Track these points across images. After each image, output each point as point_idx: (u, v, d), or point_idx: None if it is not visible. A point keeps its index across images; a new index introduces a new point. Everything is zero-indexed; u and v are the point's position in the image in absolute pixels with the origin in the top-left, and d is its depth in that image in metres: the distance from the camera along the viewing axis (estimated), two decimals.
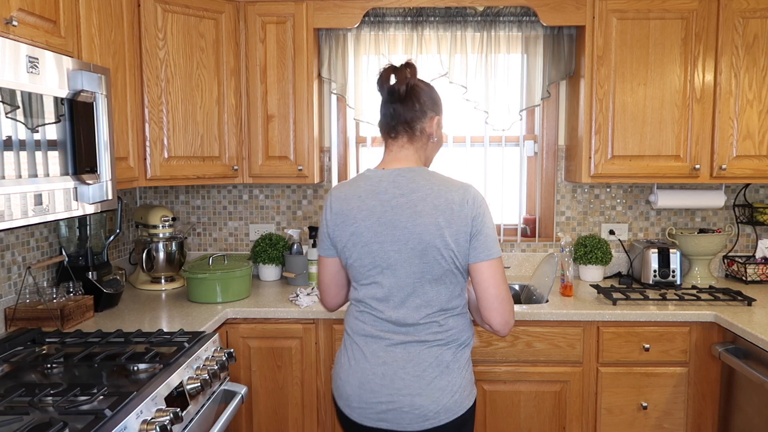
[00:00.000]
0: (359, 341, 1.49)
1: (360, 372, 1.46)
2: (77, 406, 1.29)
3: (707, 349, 2.24)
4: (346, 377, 1.48)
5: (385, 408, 1.42)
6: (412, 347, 1.43)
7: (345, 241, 1.47)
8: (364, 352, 1.47)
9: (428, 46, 2.75)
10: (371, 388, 1.43)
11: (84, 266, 2.24)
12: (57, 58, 1.52)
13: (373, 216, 1.43)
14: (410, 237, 1.39)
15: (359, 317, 1.51)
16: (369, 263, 1.45)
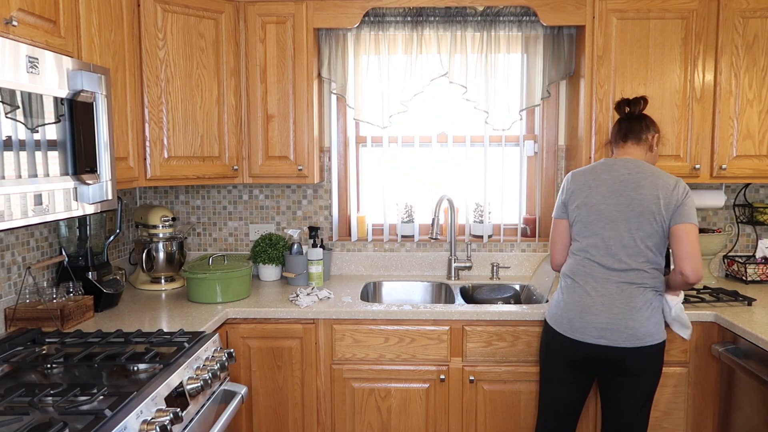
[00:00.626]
0: (579, 280, 1.96)
1: (582, 302, 1.93)
2: (77, 406, 1.29)
3: (707, 349, 2.24)
4: (569, 306, 1.96)
5: (604, 327, 1.88)
6: (624, 286, 1.90)
7: (578, 203, 1.99)
8: (585, 288, 1.94)
9: (428, 46, 2.75)
10: (593, 311, 1.91)
11: (84, 266, 2.24)
12: (57, 58, 1.52)
13: (604, 185, 1.96)
14: (632, 202, 1.91)
15: (581, 263, 1.98)
16: (594, 219, 1.95)
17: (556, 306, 2.01)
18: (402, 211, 2.92)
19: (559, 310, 1.98)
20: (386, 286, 2.83)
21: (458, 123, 2.85)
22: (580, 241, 1.99)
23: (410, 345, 2.28)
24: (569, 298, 1.96)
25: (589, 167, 2.05)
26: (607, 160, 2.03)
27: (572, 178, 2.05)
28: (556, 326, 1.98)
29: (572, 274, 1.99)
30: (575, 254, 2.01)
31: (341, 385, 2.31)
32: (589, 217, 1.96)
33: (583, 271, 1.96)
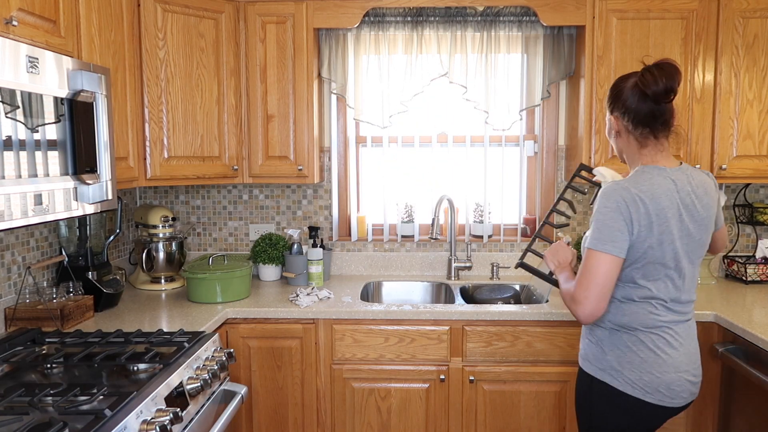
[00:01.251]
0: (658, 331, 1.54)
1: (672, 358, 1.54)
2: (77, 406, 1.29)
3: (707, 349, 2.23)
4: (662, 369, 1.53)
5: (694, 381, 1.57)
6: (690, 323, 1.60)
7: (654, 240, 1.49)
8: (665, 338, 1.54)
9: (428, 46, 2.75)
10: (686, 369, 1.55)
11: (84, 266, 2.24)
12: (57, 58, 1.52)
13: (674, 208, 1.51)
14: (697, 225, 1.54)
15: (653, 311, 1.55)
16: (670, 258, 1.52)
17: (640, 370, 1.53)
18: (402, 211, 2.92)
19: (650, 375, 1.53)
20: (386, 286, 2.83)
21: (458, 123, 2.85)
22: (645, 286, 1.54)
23: (410, 345, 2.28)
24: (654, 357, 1.54)
25: (655, 183, 1.51)
26: (662, 170, 1.54)
27: (644, 201, 1.47)
28: (647, 396, 1.53)
29: (643, 326, 1.54)
30: (637, 301, 1.55)
31: (341, 385, 2.31)
32: (665, 258, 1.51)
33: (656, 321, 1.54)
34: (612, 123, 1.62)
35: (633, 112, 1.55)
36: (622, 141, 1.61)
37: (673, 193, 1.51)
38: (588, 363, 1.62)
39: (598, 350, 1.60)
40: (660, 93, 1.50)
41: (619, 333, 1.57)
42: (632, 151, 1.60)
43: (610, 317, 1.58)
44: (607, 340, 1.58)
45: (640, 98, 1.54)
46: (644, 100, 1.53)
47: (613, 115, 1.60)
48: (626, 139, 1.60)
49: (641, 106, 1.54)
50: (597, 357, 1.60)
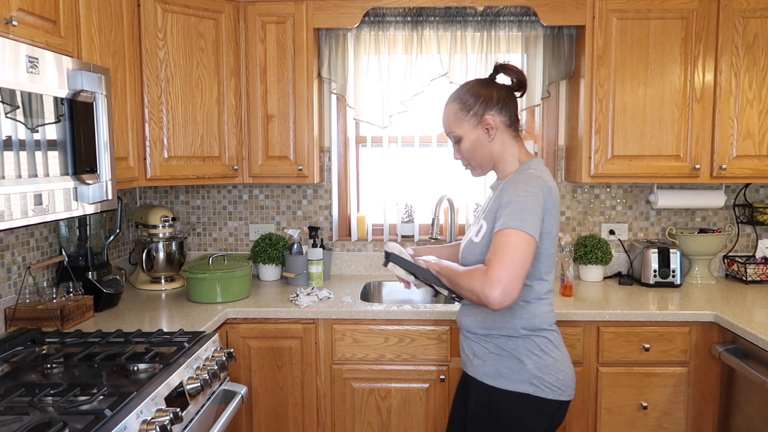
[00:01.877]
0: (555, 327, 1.59)
1: (566, 352, 1.61)
2: (77, 406, 1.29)
3: (707, 349, 2.24)
4: (567, 365, 1.58)
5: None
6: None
7: (551, 230, 1.51)
8: (559, 333, 1.61)
9: (428, 46, 2.75)
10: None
11: (84, 266, 2.24)
12: (57, 58, 1.52)
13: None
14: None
15: (549, 307, 1.58)
16: (553, 252, 1.56)
17: (557, 367, 1.54)
18: (402, 211, 2.92)
19: (563, 372, 1.55)
20: (386, 286, 2.82)
21: None
22: (547, 280, 1.56)
23: (410, 345, 2.28)
24: (563, 355, 1.58)
25: (548, 174, 1.57)
26: (541, 162, 1.60)
27: (552, 191, 1.51)
28: (566, 393, 1.57)
29: (548, 323, 1.57)
30: (545, 297, 1.57)
31: (341, 385, 2.31)
32: (553, 249, 1.55)
33: (554, 317, 1.60)
34: (489, 124, 1.56)
35: (508, 108, 1.57)
36: (498, 141, 1.59)
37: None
38: (504, 379, 1.52)
39: (515, 362, 1.52)
40: (523, 84, 1.59)
41: (532, 337, 1.53)
42: (510, 150, 1.60)
43: (522, 323, 1.53)
44: (522, 348, 1.52)
45: (508, 93, 1.59)
46: (511, 95, 1.59)
47: (488, 115, 1.56)
48: (502, 138, 1.59)
49: (512, 100, 1.59)
50: (516, 370, 1.51)
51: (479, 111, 1.56)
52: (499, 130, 1.57)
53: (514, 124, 1.59)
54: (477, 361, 1.58)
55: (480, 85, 1.59)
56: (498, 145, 1.59)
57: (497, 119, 1.56)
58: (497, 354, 1.54)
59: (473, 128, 1.58)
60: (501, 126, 1.57)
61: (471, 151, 1.62)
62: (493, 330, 1.55)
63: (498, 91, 1.58)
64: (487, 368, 1.55)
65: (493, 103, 1.56)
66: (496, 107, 1.56)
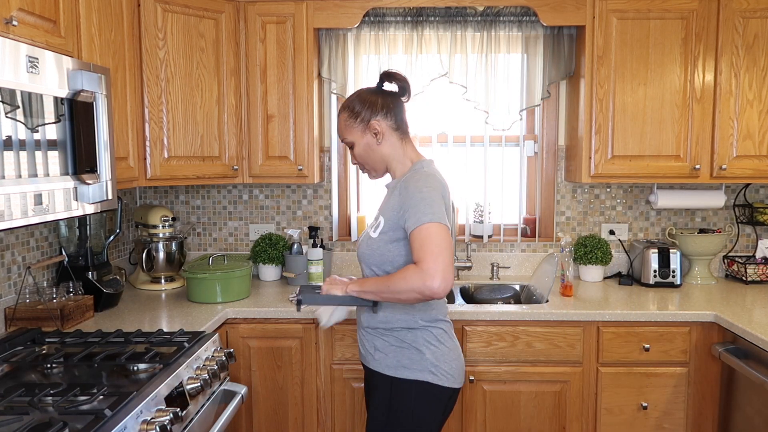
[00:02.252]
0: (448, 318, 1.72)
1: (458, 344, 1.72)
2: (77, 406, 1.29)
3: (707, 349, 2.24)
4: (458, 354, 1.68)
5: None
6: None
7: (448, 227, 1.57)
8: (451, 324, 1.72)
9: (428, 46, 2.75)
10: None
11: (84, 266, 2.24)
12: (57, 57, 1.52)
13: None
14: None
15: (444, 299, 1.68)
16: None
17: (454, 357, 1.65)
18: None
19: (459, 360, 1.67)
20: None
21: (458, 123, 2.85)
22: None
23: None
24: (455, 344, 1.69)
25: (436, 171, 1.68)
26: (432, 162, 1.72)
27: (445, 188, 1.63)
28: (458, 380, 1.66)
29: (443, 314, 1.69)
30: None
31: (341, 385, 2.31)
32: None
33: (447, 308, 1.73)
34: (376, 129, 1.65)
35: (393, 112, 1.66)
36: (387, 145, 1.67)
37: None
38: (405, 369, 1.60)
39: (415, 353, 1.60)
40: (406, 90, 1.69)
41: (429, 329, 1.63)
42: (400, 151, 1.70)
43: (421, 315, 1.62)
44: (421, 339, 1.61)
45: (394, 99, 1.68)
46: (397, 101, 1.69)
47: (374, 120, 1.65)
48: (390, 141, 1.68)
49: (397, 105, 1.68)
50: (415, 360, 1.60)
51: (366, 117, 1.65)
52: (386, 134, 1.66)
53: (402, 127, 1.69)
54: (378, 355, 1.65)
55: (366, 93, 1.69)
56: (387, 148, 1.68)
57: (383, 124, 1.65)
58: (398, 346, 1.62)
59: (362, 134, 1.67)
60: (388, 130, 1.66)
61: (363, 155, 1.70)
62: (395, 324, 1.63)
63: (383, 97, 1.67)
64: (389, 360, 1.63)
65: (378, 109, 1.65)
66: (382, 113, 1.65)
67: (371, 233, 1.66)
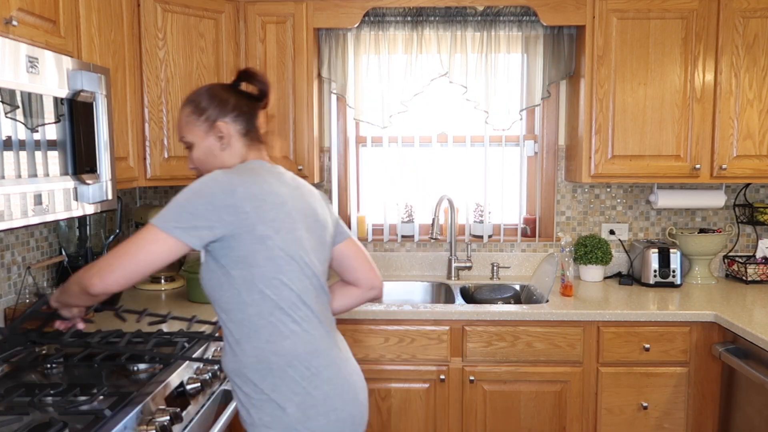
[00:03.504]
0: (323, 354, 1.40)
1: (344, 375, 1.43)
2: (77, 406, 1.29)
3: (707, 349, 2.23)
4: (342, 401, 1.38)
5: (365, 404, 1.46)
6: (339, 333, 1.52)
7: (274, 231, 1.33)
8: (334, 363, 1.43)
9: (428, 45, 2.75)
10: (359, 384, 1.47)
11: (84, 266, 2.24)
12: (57, 58, 1.52)
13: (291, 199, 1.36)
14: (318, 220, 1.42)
15: (303, 327, 1.38)
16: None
17: (327, 411, 1.29)
18: (402, 211, 2.92)
19: (336, 414, 1.30)
20: (386, 286, 2.82)
21: (458, 123, 2.85)
22: (288, 290, 1.30)
23: (410, 345, 2.28)
24: (335, 387, 1.32)
25: (247, 169, 1.35)
26: (265, 164, 1.44)
27: (236, 189, 1.26)
28: None
29: (312, 352, 1.32)
30: (290, 315, 1.31)
31: None
32: (281, 252, 1.31)
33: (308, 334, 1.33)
34: (221, 132, 1.39)
35: (245, 116, 1.42)
36: (231, 152, 1.41)
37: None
38: (265, 429, 1.28)
39: (274, 407, 1.27)
40: (266, 93, 1.46)
41: (293, 368, 1.29)
42: (236, 160, 1.43)
43: (272, 349, 1.28)
44: (282, 387, 1.28)
45: (249, 101, 1.44)
46: (252, 104, 1.45)
47: (221, 122, 1.39)
48: (236, 147, 1.42)
49: (252, 108, 1.44)
50: (277, 417, 1.27)
51: (212, 116, 1.39)
52: (233, 139, 1.40)
53: (251, 134, 1.43)
54: (243, 412, 1.34)
55: (218, 88, 1.43)
56: (229, 158, 1.41)
57: (231, 128, 1.40)
58: (258, 398, 1.30)
59: (205, 134, 1.40)
60: (235, 135, 1.41)
61: (203, 160, 1.42)
62: (246, 362, 1.29)
63: (237, 97, 1.42)
64: (257, 419, 1.30)
65: (228, 109, 1.40)
66: (231, 114, 1.40)
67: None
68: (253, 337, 1.28)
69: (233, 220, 1.24)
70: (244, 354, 1.29)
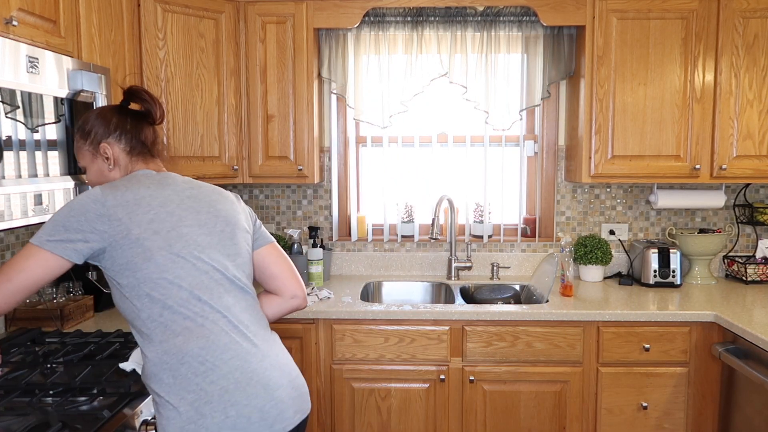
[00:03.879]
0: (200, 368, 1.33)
1: (249, 368, 1.36)
2: (77, 407, 1.29)
3: (707, 349, 2.24)
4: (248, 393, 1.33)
5: (295, 395, 1.40)
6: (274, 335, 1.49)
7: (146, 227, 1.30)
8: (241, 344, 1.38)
9: (428, 46, 2.75)
10: (279, 383, 1.38)
11: (84, 266, 2.24)
12: (57, 58, 1.52)
13: (172, 202, 1.34)
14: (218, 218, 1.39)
15: (170, 338, 1.33)
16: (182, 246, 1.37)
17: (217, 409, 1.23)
18: (402, 211, 2.92)
19: (232, 407, 1.25)
20: (386, 286, 2.82)
21: (458, 123, 2.85)
22: (158, 297, 1.28)
23: (410, 345, 2.28)
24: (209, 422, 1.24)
25: (126, 179, 1.36)
26: (150, 172, 1.42)
27: (105, 199, 1.27)
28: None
29: (180, 365, 1.26)
30: (161, 324, 1.28)
31: (341, 385, 2.31)
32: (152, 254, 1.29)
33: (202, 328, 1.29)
34: (106, 154, 1.39)
35: (129, 134, 1.42)
36: (120, 171, 1.42)
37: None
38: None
39: (169, 409, 1.23)
40: (151, 112, 1.45)
41: (156, 389, 1.26)
42: (125, 174, 1.43)
43: (150, 363, 1.27)
44: (173, 387, 1.24)
45: (133, 119, 1.44)
46: (136, 122, 1.44)
47: (105, 143, 1.39)
48: (124, 165, 1.42)
49: (136, 126, 1.44)
50: (171, 418, 1.23)
51: (96, 139, 1.40)
52: (119, 158, 1.41)
53: (137, 148, 1.42)
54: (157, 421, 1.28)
55: (105, 110, 1.44)
56: (118, 174, 1.42)
57: (116, 148, 1.40)
58: (158, 402, 1.27)
59: (93, 158, 1.42)
60: (121, 154, 1.41)
61: (95, 182, 1.44)
62: (147, 369, 1.29)
63: (120, 117, 1.42)
64: (159, 427, 1.26)
65: (110, 130, 1.40)
66: (114, 135, 1.40)
67: None
68: (149, 342, 1.27)
69: (107, 229, 1.25)
70: (147, 361, 1.28)
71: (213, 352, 1.26)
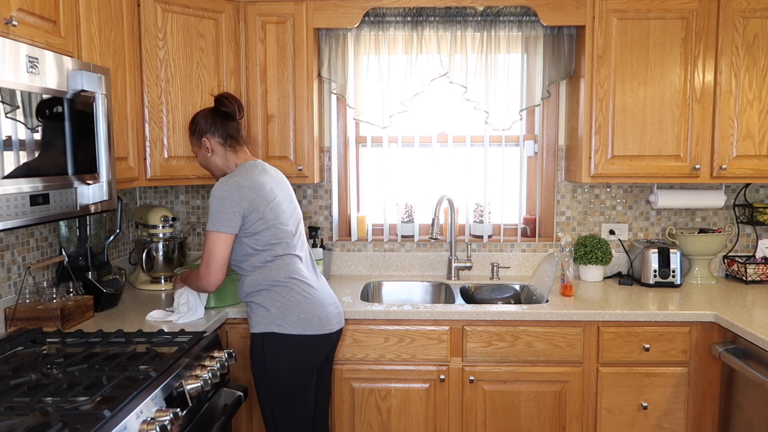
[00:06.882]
0: (297, 280, 1.98)
1: (314, 298, 1.99)
2: (77, 407, 1.29)
3: (707, 349, 2.24)
4: (311, 306, 1.95)
5: (336, 312, 2.04)
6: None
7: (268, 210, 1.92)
8: (307, 286, 2.00)
9: (428, 46, 2.75)
10: (329, 302, 2.04)
11: (84, 266, 2.24)
12: (57, 58, 1.52)
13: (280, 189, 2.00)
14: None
15: (284, 266, 1.97)
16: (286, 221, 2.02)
17: (303, 310, 1.92)
18: (402, 211, 2.92)
19: (305, 314, 1.91)
20: (386, 286, 2.83)
21: (458, 123, 2.85)
22: (274, 247, 1.94)
23: (410, 345, 2.28)
24: (307, 299, 1.94)
25: (243, 169, 1.96)
26: (254, 163, 2.01)
27: (241, 186, 1.89)
28: (307, 330, 1.91)
29: (287, 279, 1.95)
30: (275, 260, 1.94)
31: (341, 385, 2.31)
32: (273, 222, 1.95)
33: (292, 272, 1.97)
34: (206, 145, 1.99)
35: (221, 130, 1.99)
36: (217, 157, 2.01)
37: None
38: (258, 325, 1.91)
39: (263, 310, 1.90)
40: (231, 114, 2.01)
41: (274, 289, 1.91)
42: (230, 160, 2.02)
43: (263, 279, 1.91)
44: (268, 299, 1.91)
45: (222, 118, 2.00)
46: (224, 120, 2.00)
47: (204, 137, 1.99)
48: (220, 153, 2.01)
49: (225, 123, 2.00)
50: (264, 316, 1.90)
51: (198, 134, 2.00)
52: (215, 148, 2.00)
53: (228, 141, 2.00)
54: (249, 319, 1.97)
55: (203, 113, 2.01)
56: (218, 159, 2.02)
57: (212, 140, 1.99)
58: (254, 308, 1.93)
59: (199, 148, 2.02)
60: (216, 145, 2.00)
61: (203, 163, 2.06)
62: (248, 290, 1.93)
63: (212, 117, 1.99)
64: (251, 321, 1.94)
65: (207, 128, 1.98)
66: (210, 131, 1.98)
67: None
68: (251, 272, 1.93)
69: (246, 206, 1.87)
70: (243, 287, 1.95)
71: (294, 281, 1.93)
